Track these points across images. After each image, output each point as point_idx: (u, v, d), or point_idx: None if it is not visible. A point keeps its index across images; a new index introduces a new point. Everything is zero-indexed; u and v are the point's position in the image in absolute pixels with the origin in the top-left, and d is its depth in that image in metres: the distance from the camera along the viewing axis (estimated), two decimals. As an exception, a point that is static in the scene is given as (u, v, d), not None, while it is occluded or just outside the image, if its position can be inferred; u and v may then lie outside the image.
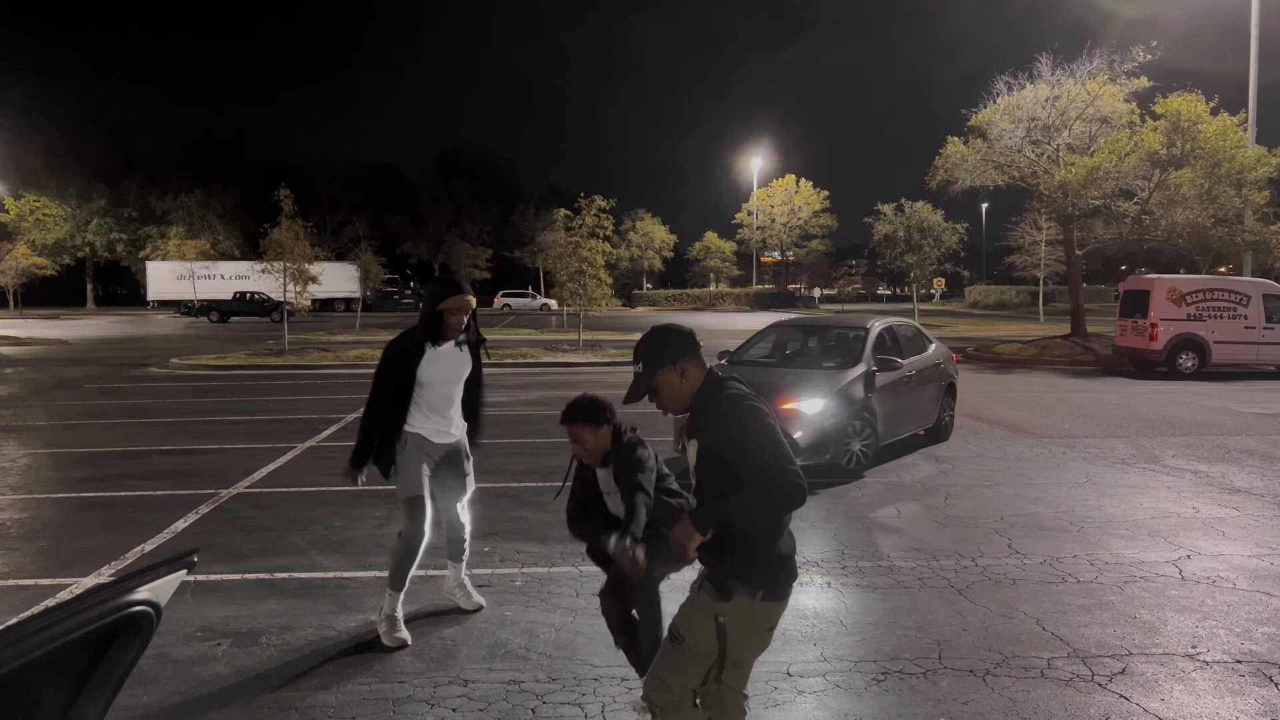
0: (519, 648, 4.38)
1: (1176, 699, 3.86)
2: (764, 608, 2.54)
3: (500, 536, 6.35)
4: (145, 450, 9.73)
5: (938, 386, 10.15)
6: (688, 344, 2.63)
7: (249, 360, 20.57)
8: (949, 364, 10.64)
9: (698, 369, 2.62)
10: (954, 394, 10.65)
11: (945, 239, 34.05)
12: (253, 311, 47.56)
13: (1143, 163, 22.42)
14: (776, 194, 70.59)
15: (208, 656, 4.28)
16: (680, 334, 2.65)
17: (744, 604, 2.52)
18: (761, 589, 2.52)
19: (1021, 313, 56.92)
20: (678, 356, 2.60)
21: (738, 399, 2.51)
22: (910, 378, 9.38)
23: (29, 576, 5.48)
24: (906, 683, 4.02)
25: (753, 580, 2.51)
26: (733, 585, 2.51)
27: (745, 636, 2.57)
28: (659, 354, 2.61)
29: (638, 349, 2.68)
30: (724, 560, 2.55)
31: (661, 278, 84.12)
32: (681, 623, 2.62)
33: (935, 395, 10.07)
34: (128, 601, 1.14)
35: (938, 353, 10.47)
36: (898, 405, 9.10)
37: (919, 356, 9.96)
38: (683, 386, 2.61)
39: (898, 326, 10.03)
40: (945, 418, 10.35)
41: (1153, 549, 6.11)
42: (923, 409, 9.78)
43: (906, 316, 18.23)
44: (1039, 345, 23.82)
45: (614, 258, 25.38)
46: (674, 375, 2.60)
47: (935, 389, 10.08)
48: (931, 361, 10.16)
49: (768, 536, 2.54)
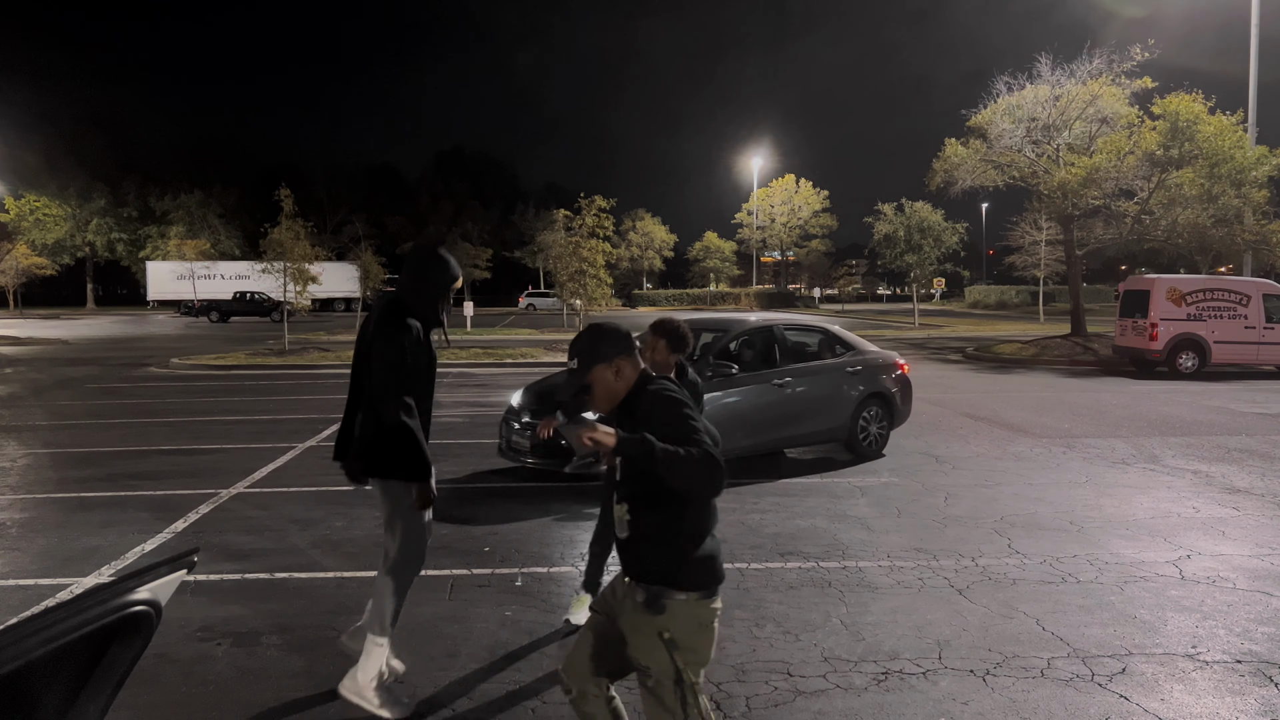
0: (519, 648, 4.38)
1: (1176, 699, 3.86)
2: (700, 606, 2.56)
3: (500, 536, 6.36)
4: (145, 450, 9.73)
5: (845, 397, 9.17)
6: (624, 343, 2.66)
7: (249, 360, 20.57)
8: (877, 373, 9.49)
9: (632, 367, 2.66)
10: (886, 405, 9.45)
11: (945, 239, 34.05)
12: (253, 311, 47.59)
13: (1142, 163, 22.43)
14: (776, 194, 70.60)
15: (208, 656, 4.28)
16: (617, 333, 2.68)
17: (681, 609, 2.54)
18: (693, 591, 2.54)
19: (1021, 313, 56.91)
20: (614, 354, 2.63)
21: (665, 394, 2.56)
22: (784, 384, 8.66)
23: (29, 576, 5.48)
24: (906, 683, 4.02)
25: (681, 584, 2.54)
26: (663, 596, 2.54)
27: (692, 640, 2.58)
28: (596, 352, 2.63)
29: (573, 346, 2.70)
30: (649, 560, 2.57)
31: (661, 277, 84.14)
32: (638, 656, 2.61)
33: (839, 406, 9.12)
34: (128, 601, 1.14)
35: (853, 360, 9.44)
36: (758, 413, 8.44)
37: (811, 364, 9.15)
38: (617, 384, 2.64)
39: (787, 329, 9.34)
40: (871, 431, 9.34)
41: (1153, 549, 6.11)
42: (804, 418, 8.85)
43: (897, 317, 18.06)
44: (1039, 345, 23.82)
45: (614, 258, 25.39)
46: (609, 373, 2.63)
47: (840, 399, 9.14)
48: (837, 368, 9.27)
49: (693, 538, 2.55)
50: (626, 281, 73.87)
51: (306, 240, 22.66)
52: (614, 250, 24.48)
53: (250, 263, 50.10)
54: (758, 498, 7.55)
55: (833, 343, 9.64)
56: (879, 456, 9.37)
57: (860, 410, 9.29)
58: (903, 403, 9.73)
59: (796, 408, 8.77)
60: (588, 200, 22.19)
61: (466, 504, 7.23)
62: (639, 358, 2.69)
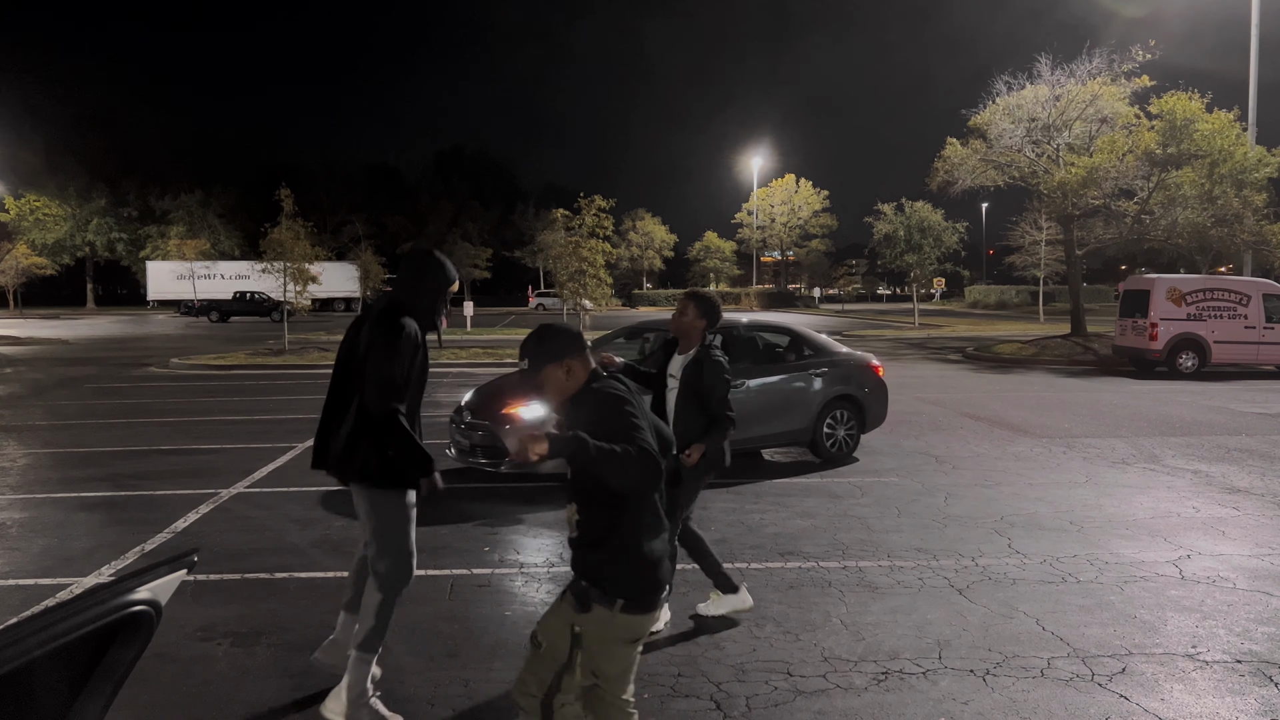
0: (519, 648, 4.37)
1: (1176, 699, 3.86)
2: (624, 620, 2.57)
3: (500, 536, 6.36)
4: (145, 450, 9.73)
5: (808, 399, 8.96)
6: (575, 342, 2.70)
7: (249, 360, 20.57)
8: (845, 375, 9.24)
9: (582, 366, 2.68)
10: (855, 408, 9.21)
11: (945, 239, 34.04)
12: (253, 311, 47.58)
13: (1141, 162, 22.44)
14: (776, 194, 70.64)
15: (208, 656, 4.28)
16: (568, 333, 2.71)
17: (602, 615, 2.57)
18: (622, 599, 2.55)
19: (1021, 312, 56.91)
20: (565, 354, 2.66)
21: (608, 392, 2.60)
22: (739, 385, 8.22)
23: (29, 576, 5.48)
24: (906, 683, 4.02)
25: (613, 590, 2.56)
26: (591, 597, 2.58)
27: (606, 648, 2.61)
28: (548, 351, 2.66)
29: (525, 346, 2.73)
30: (589, 561, 2.61)
31: (661, 277, 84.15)
32: (542, 628, 2.75)
33: (801, 408, 8.89)
34: (128, 601, 1.14)
35: (818, 362, 9.19)
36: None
37: (773, 365, 8.97)
38: (567, 383, 2.67)
39: (750, 329, 9.16)
40: (838, 434, 9.12)
41: (1153, 549, 6.11)
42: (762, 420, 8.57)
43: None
44: (1039, 345, 23.83)
45: (614, 257, 25.39)
46: (560, 371, 2.66)
47: (802, 401, 8.92)
48: (799, 370, 9.04)
49: (628, 542, 2.56)
50: (626, 281, 73.87)
51: (306, 240, 22.64)
52: (614, 250, 24.47)
53: (250, 263, 50.07)
54: (758, 498, 7.55)
55: (799, 344, 9.38)
56: (849, 461, 9.12)
57: (826, 413, 9.08)
58: (875, 405, 9.44)
59: (753, 409, 8.45)
60: (587, 200, 22.19)
61: (466, 504, 7.23)
62: (589, 357, 2.73)
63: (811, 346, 9.43)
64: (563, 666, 2.70)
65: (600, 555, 2.57)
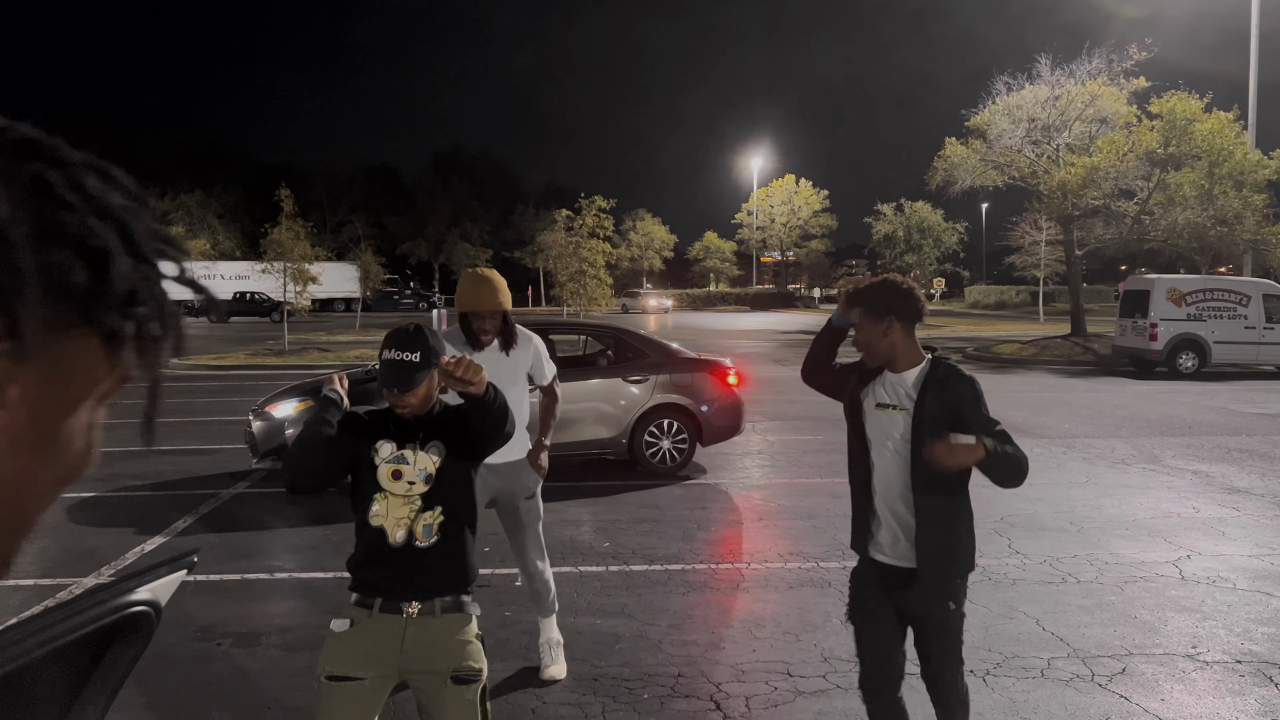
0: (519, 648, 4.38)
1: (1176, 699, 3.85)
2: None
3: (500, 536, 6.35)
4: (145, 450, 9.72)
5: (620, 407, 8.28)
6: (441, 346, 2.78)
7: (249, 360, 20.57)
8: (675, 382, 8.41)
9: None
10: (687, 418, 8.38)
11: (945, 239, 34.10)
12: (253, 311, 47.58)
13: (1141, 162, 22.45)
14: (776, 194, 70.59)
15: (208, 656, 4.28)
16: (436, 337, 2.76)
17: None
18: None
19: (1021, 313, 56.84)
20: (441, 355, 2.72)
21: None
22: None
23: (29, 576, 5.48)
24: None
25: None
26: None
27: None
28: (439, 351, 2.69)
29: (415, 341, 2.72)
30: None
31: (662, 277, 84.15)
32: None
33: (612, 416, 8.26)
34: (128, 601, 1.13)
35: (641, 366, 8.45)
36: None
37: (577, 371, 8.47)
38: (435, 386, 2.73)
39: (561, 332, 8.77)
40: (663, 446, 8.31)
41: (1153, 549, 6.11)
42: (569, 428, 7.88)
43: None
44: (1039, 345, 23.83)
45: (614, 258, 25.44)
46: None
47: (613, 409, 8.27)
48: (610, 376, 8.44)
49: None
50: (626, 281, 73.77)
51: (306, 240, 22.68)
52: (614, 250, 24.52)
53: (250, 263, 50.04)
54: (757, 498, 7.55)
55: (624, 348, 8.69)
56: (677, 478, 8.22)
57: (646, 422, 8.29)
58: (715, 416, 8.43)
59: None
60: (588, 200, 22.21)
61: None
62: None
63: (639, 351, 8.67)
64: None
65: None
